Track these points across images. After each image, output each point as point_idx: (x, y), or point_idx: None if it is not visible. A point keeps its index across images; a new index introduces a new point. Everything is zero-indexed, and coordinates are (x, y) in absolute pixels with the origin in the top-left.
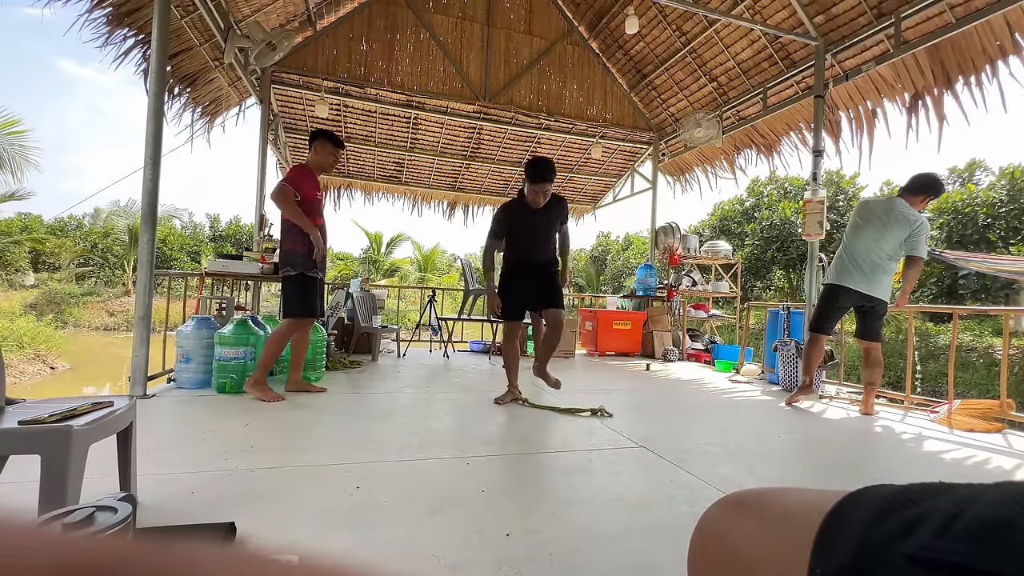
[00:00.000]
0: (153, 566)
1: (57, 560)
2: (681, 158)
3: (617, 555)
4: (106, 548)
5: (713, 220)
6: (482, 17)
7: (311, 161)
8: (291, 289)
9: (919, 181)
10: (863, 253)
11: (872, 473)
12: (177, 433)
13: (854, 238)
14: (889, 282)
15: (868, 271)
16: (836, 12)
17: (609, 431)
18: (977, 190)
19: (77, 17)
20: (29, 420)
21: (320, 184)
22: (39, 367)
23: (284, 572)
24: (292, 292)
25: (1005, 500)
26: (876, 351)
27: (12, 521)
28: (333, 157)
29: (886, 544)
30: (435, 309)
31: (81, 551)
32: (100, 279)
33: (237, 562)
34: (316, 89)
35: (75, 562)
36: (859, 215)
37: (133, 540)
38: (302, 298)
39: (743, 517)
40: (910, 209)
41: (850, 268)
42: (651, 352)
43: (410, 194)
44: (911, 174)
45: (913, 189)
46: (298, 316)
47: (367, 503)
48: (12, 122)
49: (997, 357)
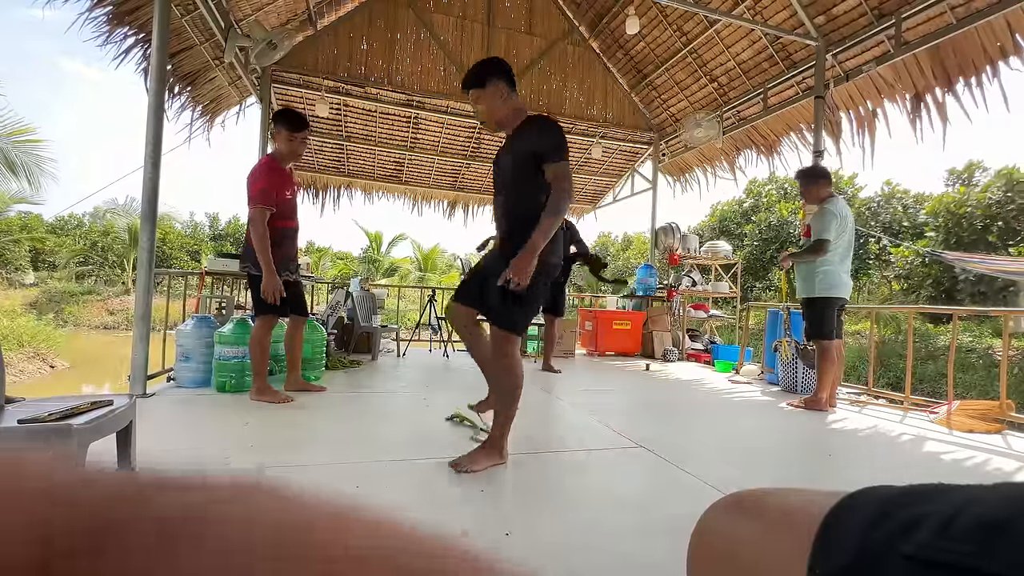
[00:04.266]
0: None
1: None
2: (681, 158)
3: (616, 555)
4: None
5: (712, 221)
6: (482, 17)
7: (276, 152)
8: (256, 287)
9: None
10: (847, 261)
11: (872, 474)
12: (177, 432)
13: (841, 248)
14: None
15: (848, 275)
16: (837, 13)
17: (609, 431)
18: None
19: (77, 16)
20: (29, 419)
21: (291, 176)
22: (39, 366)
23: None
24: (257, 290)
25: (1004, 501)
26: (841, 348)
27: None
28: (293, 142)
29: (886, 544)
30: (435, 309)
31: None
32: (100, 278)
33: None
34: (316, 88)
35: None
36: (840, 225)
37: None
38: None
39: (742, 517)
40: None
41: (845, 279)
42: (651, 352)
43: (410, 193)
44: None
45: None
46: (266, 314)
47: (367, 503)
48: (25, 130)
49: (997, 358)
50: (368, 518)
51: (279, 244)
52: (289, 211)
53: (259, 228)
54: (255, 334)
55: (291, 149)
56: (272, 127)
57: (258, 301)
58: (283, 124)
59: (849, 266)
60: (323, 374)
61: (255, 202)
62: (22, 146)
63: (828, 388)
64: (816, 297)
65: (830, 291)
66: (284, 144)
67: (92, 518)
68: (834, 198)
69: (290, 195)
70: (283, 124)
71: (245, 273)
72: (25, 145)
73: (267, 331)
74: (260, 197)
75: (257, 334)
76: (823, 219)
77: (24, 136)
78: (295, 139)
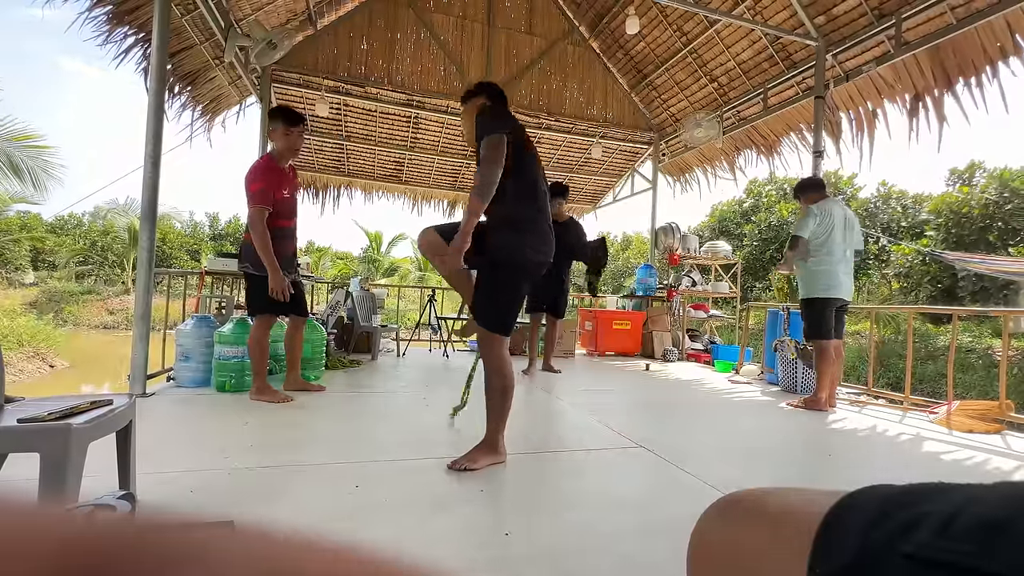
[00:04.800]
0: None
1: (60, 542)
2: (681, 158)
3: (616, 555)
4: (109, 530)
5: (712, 221)
6: (483, 17)
7: (274, 150)
8: (253, 287)
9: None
10: (846, 262)
11: (871, 474)
12: (176, 432)
13: (837, 248)
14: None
15: (848, 276)
16: (837, 13)
17: (609, 431)
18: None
19: (77, 16)
20: (28, 418)
21: (291, 176)
22: (38, 365)
23: (291, 553)
24: (254, 290)
25: (1004, 500)
26: (841, 347)
27: (14, 504)
28: (290, 138)
29: (886, 544)
30: (435, 309)
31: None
32: (100, 277)
33: (245, 543)
34: (316, 88)
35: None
36: (822, 224)
37: (137, 523)
38: (264, 296)
39: (742, 517)
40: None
41: (844, 280)
42: (651, 352)
43: (410, 193)
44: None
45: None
46: (263, 314)
47: (367, 502)
48: (32, 136)
49: (996, 358)
50: (367, 559)
51: (276, 243)
52: (287, 210)
53: (259, 228)
54: (254, 334)
55: (289, 144)
56: (269, 125)
57: (254, 300)
58: (280, 119)
59: (850, 267)
60: (323, 374)
61: (253, 202)
62: (28, 150)
63: (827, 388)
64: (815, 298)
65: (828, 292)
66: (281, 140)
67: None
68: (824, 200)
69: (288, 194)
70: (280, 119)
71: (243, 273)
72: (32, 150)
73: (265, 330)
74: (258, 197)
75: (256, 334)
76: (801, 219)
77: (31, 142)
78: (292, 133)
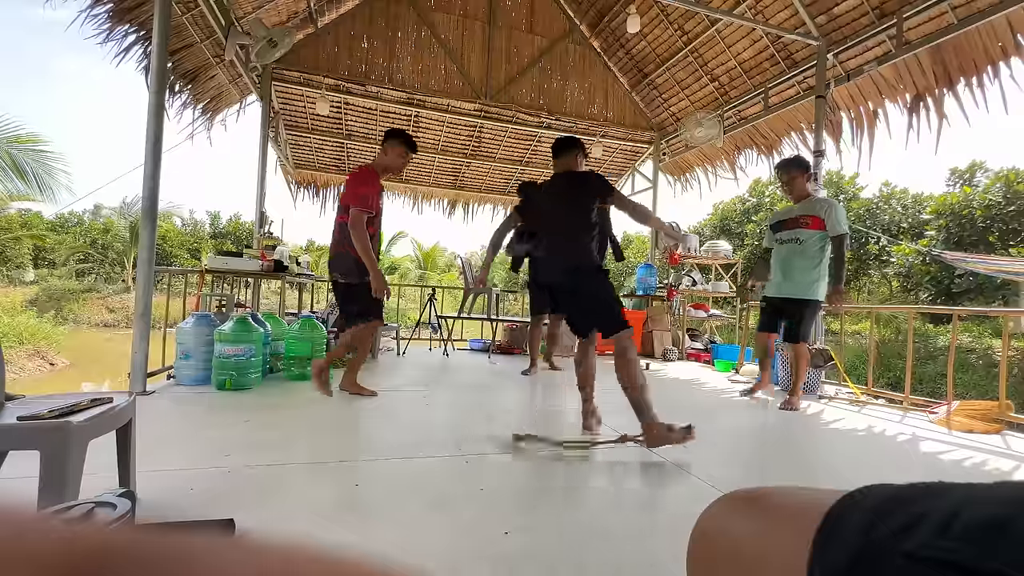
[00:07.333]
0: (153, 555)
1: (60, 549)
2: (682, 158)
3: (616, 554)
4: (107, 538)
5: (714, 220)
6: (484, 15)
7: (378, 162)
8: (361, 294)
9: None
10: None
11: (871, 473)
12: (177, 430)
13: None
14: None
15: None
16: (838, 12)
17: (608, 431)
18: (974, 192)
19: (78, 14)
20: (29, 416)
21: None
22: (39, 363)
23: (281, 562)
24: (362, 297)
25: (1004, 500)
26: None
27: (14, 511)
28: (402, 160)
29: (886, 543)
30: (435, 308)
31: (83, 540)
32: (100, 275)
33: (235, 552)
34: (317, 86)
35: (77, 551)
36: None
37: (133, 531)
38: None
39: (742, 516)
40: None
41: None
42: (651, 352)
43: (410, 192)
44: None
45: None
46: (377, 317)
47: (367, 501)
48: (36, 139)
49: (996, 358)
50: (359, 568)
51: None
52: (377, 221)
53: (361, 231)
54: (361, 334)
55: (398, 165)
56: (385, 142)
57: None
58: (402, 142)
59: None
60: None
61: (358, 206)
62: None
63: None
64: (815, 299)
65: (823, 294)
66: (394, 159)
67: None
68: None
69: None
70: (402, 142)
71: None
72: (37, 153)
73: (371, 332)
74: (363, 201)
75: (363, 334)
76: (840, 210)
77: (36, 145)
78: (406, 157)
